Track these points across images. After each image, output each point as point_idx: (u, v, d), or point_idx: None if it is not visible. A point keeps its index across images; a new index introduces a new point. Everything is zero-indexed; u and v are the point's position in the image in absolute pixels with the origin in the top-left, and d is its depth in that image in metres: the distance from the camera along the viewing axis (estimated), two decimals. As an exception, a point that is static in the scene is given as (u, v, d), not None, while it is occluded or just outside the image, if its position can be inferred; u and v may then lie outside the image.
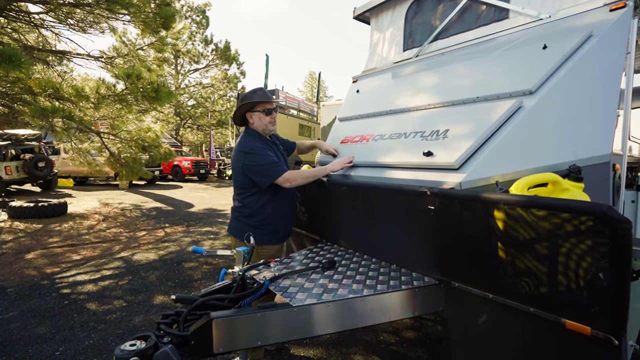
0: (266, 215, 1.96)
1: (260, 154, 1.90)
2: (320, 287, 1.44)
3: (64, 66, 8.97)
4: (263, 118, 1.99)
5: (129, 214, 7.59)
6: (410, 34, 2.66)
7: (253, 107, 1.98)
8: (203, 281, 3.58)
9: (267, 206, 1.95)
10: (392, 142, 1.84)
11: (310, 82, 49.33)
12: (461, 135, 1.53)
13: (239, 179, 1.98)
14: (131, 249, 4.89)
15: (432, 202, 1.36)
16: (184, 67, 24.32)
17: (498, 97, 1.58)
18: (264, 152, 1.91)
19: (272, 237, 1.99)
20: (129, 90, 6.22)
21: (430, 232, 1.46)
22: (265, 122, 1.99)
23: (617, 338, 0.99)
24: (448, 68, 2.05)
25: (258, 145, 1.93)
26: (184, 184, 14.80)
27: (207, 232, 5.98)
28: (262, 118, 1.99)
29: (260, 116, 1.98)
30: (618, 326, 0.99)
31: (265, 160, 1.89)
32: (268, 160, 1.89)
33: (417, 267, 1.60)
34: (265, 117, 1.99)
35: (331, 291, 1.40)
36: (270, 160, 1.90)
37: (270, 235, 1.98)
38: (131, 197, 10.30)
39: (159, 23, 7.04)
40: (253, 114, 1.99)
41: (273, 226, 1.99)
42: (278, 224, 2.01)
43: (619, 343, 0.99)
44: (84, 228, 6.18)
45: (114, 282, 3.56)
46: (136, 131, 8.09)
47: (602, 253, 0.95)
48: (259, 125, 2.00)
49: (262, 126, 2.00)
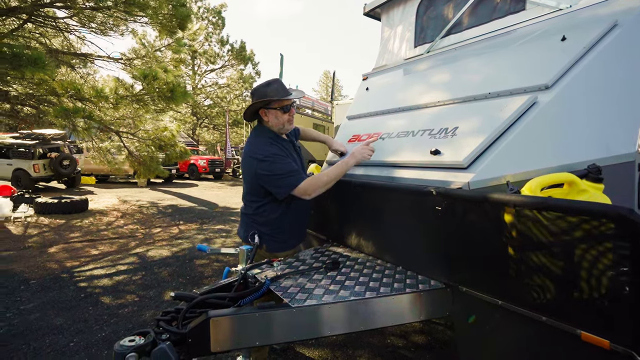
0: (283, 226, 1.77)
1: (277, 161, 1.64)
2: (321, 288, 1.40)
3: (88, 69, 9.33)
4: (280, 116, 1.71)
5: (146, 211, 7.80)
6: (421, 29, 2.58)
7: (268, 104, 1.69)
8: (213, 278, 3.63)
9: (285, 217, 1.75)
10: (400, 140, 1.79)
11: (325, 81, 49.28)
12: (470, 132, 1.46)
13: (252, 185, 1.75)
14: (146, 245, 5.02)
15: (439, 202, 1.31)
16: (201, 68, 24.81)
17: (511, 92, 1.50)
18: (281, 159, 1.65)
19: (285, 245, 1.85)
20: (145, 91, 6.39)
21: (437, 234, 1.40)
22: (283, 120, 1.72)
23: (639, 353, 0.91)
24: (460, 63, 1.98)
25: (274, 151, 1.66)
26: (199, 182, 15.10)
27: (219, 230, 6.06)
28: (279, 116, 1.71)
29: (277, 114, 1.70)
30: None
31: (283, 169, 1.63)
32: (285, 168, 1.63)
33: (422, 270, 1.54)
34: (282, 116, 1.71)
35: (332, 292, 1.36)
36: (288, 169, 1.64)
37: (284, 244, 1.83)
38: (149, 194, 10.60)
39: (175, 24, 7.17)
40: (268, 111, 1.71)
41: (288, 234, 1.83)
42: (294, 232, 1.87)
43: (640, 358, 0.91)
44: (103, 224, 6.39)
45: (128, 277, 3.66)
46: (153, 130, 8.31)
47: (623, 260, 0.88)
48: (275, 124, 1.73)
49: (278, 125, 1.73)
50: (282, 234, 1.80)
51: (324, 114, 19.13)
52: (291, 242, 1.89)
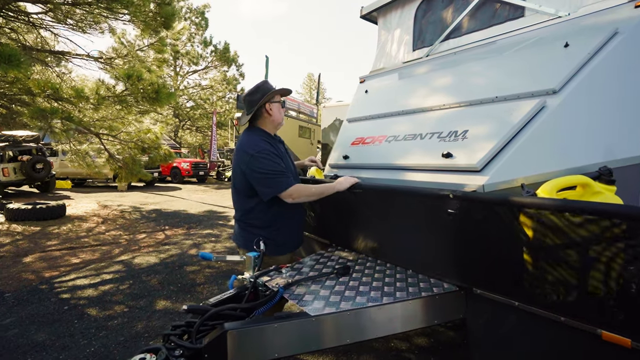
0: (278, 227, 1.77)
1: (268, 158, 1.65)
2: (336, 295, 1.37)
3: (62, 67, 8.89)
4: (281, 110, 1.84)
5: (129, 216, 7.50)
6: (419, 33, 2.61)
7: (274, 97, 1.78)
8: (206, 285, 3.51)
9: (278, 217, 1.75)
10: (407, 143, 1.79)
11: (309, 83, 49.28)
12: (482, 136, 1.47)
13: (242, 184, 1.73)
14: (131, 252, 4.81)
15: (454, 205, 1.30)
16: (183, 69, 24.28)
17: (519, 96, 1.53)
18: (273, 157, 1.67)
19: (284, 248, 1.84)
20: (129, 91, 6.15)
21: (451, 237, 1.40)
22: (282, 115, 1.86)
23: (660, 351, 0.93)
24: (462, 67, 2.00)
25: (267, 148, 1.68)
26: (183, 186, 14.70)
27: (208, 235, 5.90)
28: (280, 110, 1.83)
29: (279, 107, 1.82)
30: (662, 338, 0.93)
31: (273, 167, 1.64)
32: (274, 168, 1.65)
33: (435, 272, 1.53)
34: (281, 110, 1.85)
35: (349, 299, 1.33)
36: (278, 169, 1.66)
37: (282, 247, 1.82)
38: (130, 198, 10.20)
39: (160, 23, 6.97)
40: (273, 104, 1.78)
41: (286, 237, 1.82)
42: (292, 234, 1.86)
43: (662, 356, 0.93)
44: (83, 231, 6.08)
45: (115, 286, 3.48)
46: (136, 132, 8.02)
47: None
48: (277, 117, 1.81)
49: (279, 119, 1.83)
50: (279, 236, 1.78)
51: (310, 116, 19.15)
52: (289, 244, 1.88)
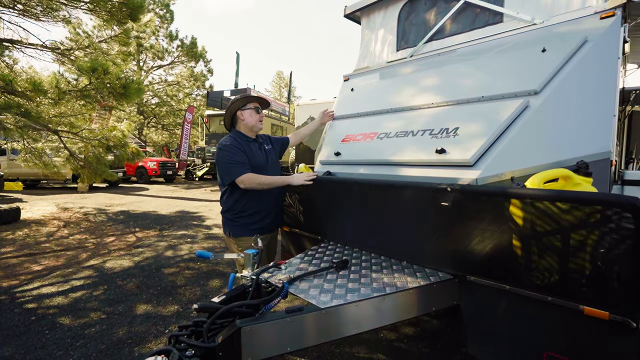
0: (239, 209, 2.05)
1: (229, 151, 1.96)
2: (341, 288, 1.40)
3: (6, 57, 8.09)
4: (254, 115, 2.10)
5: (93, 219, 7.03)
6: (403, 34, 2.70)
7: (245, 104, 2.09)
8: (187, 287, 3.39)
9: (241, 200, 2.04)
10: (400, 140, 1.86)
11: (278, 82, 48.74)
12: (473, 133, 1.57)
13: (219, 175, 2.08)
14: (101, 256, 4.52)
15: (451, 198, 1.38)
16: (147, 64, 23.07)
17: (503, 96, 1.65)
18: (234, 150, 1.97)
19: (246, 228, 2.04)
20: (93, 86, 5.74)
21: (446, 228, 1.48)
22: (256, 119, 2.11)
23: (634, 320, 1.06)
24: (448, 68, 2.11)
25: (232, 143, 2.00)
26: (150, 186, 14.00)
27: (183, 236, 5.69)
28: (253, 115, 2.09)
29: (252, 113, 2.09)
30: (636, 309, 1.06)
31: (231, 159, 1.95)
32: (233, 158, 1.95)
33: (430, 263, 1.62)
34: (256, 115, 2.11)
35: (353, 291, 1.37)
36: (235, 160, 1.95)
37: (244, 227, 2.05)
38: (93, 200, 9.56)
39: (125, 13, 6.58)
40: (244, 111, 2.08)
41: (247, 219, 2.06)
42: (253, 217, 2.07)
43: (636, 325, 1.06)
44: (42, 235, 5.62)
45: (87, 292, 3.26)
46: (100, 130, 7.52)
47: (627, 241, 1.02)
48: (249, 121, 2.08)
49: (252, 122, 2.10)
50: (241, 218, 2.05)
51: (281, 114, 19.00)
52: (252, 226, 2.05)
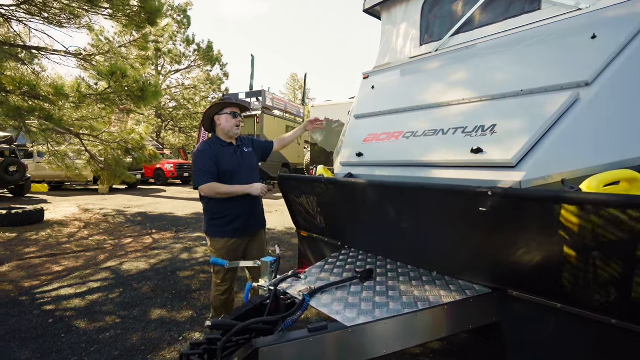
0: (212, 212, 2.15)
1: (198, 157, 2.08)
2: (367, 302, 1.27)
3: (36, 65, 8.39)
4: (230, 120, 2.13)
5: (112, 220, 7.15)
6: (427, 28, 2.55)
7: (222, 109, 2.14)
8: (202, 291, 3.33)
9: (212, 204, 2.14)
10: (428, 139, 1.71)
11: (292, 84, 48.92)
12: (513, 130, 1.41)
13: None
14: (118, 258, 4.55)
15: (492, 203, 1.23)
16: (165, 68, 23.63)
17: (546, 89, 1.47)
18: (203, 156, 2.06)
19: (217, 230, 2.13)
20: (112, 89, 5.84)
21: (485, 237, 1.32)
22: (232, 124, 2.14)
23: None
24: (478, 61, 1.94)
25: (204, 149, 2.09)
26: (167, 188, 14.24)
27: (198, 238, 5.67)
28: (229, 120, 2.13)
29: (228, 118, 2.13)
30: None
31: (197, 166, 2.06)
32: (198, 167, 2.05)
33: (465, 274, 1.46)
34: (232, 120, 2.13)
35: (382, 306, 1.24)
36: (200, 168, 2.04)
37: (216, 228, 2.14)
38: (113, 202, 9.76)
39: (143, 18, 6.68)
40: (221, 116, 2.14)
41: (218, 222, 2.13)
42: (223, 220, 2.12)
43: None
44: (64, 236, 5.73)
45: (104, 295, 3.25)
46: (119, 133, 7.66)
47: None
48: (225, 126, 2.14)
49: (228, 127, 2.14)
50: (214, 220, 2.15)
51: (296, 115, 18.99)
52: (224, 229, 2.13)
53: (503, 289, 1.34)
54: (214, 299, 2.23)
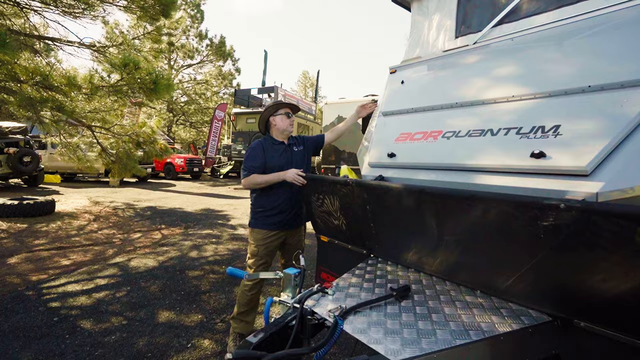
0: (259, 205, 2.22)
1: (249, 153, 2.20)
2: (410, 328, 1.09)
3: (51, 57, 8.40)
4: (285, 120, 2.24)
5: (122, 214, 7.10)
6: (464, 18, 2.33)
7: (277, 110, 2.25)
8: (212, 293, 3.19)
9: (260, 197, 2.22)
10: (474, 140, 1.51)
11: (304, 81, 48.71)
12: (584, 133, 1.20)
13: None
14: (126, 254, 4.45)
15: (563, 218, 1.03)
16: (178, 62, 23.71)
17: (623, 85, 1.26)
18: (254, 152, 2.19)
19: (261, 222, 2.21)
20: (125, 81, 5.75)
21: (551, 257, 1.12)
22: (287, 123, 2.24)
23: None
24: (529, 53, 1.73)
25: (254, 146, 2.21)
26: (177, 182, 14.26)
27: (207, 235, 5.56)
28: (283, 120, 2.24)
29: (283, 118, 2.24)
30: None
31: (245, 161, 2.19)
32: (247, 161, 2.18)
33: (520, 298, 1.26)
34: (286, 119, 2.24)
35: (428, 334, 1.05)
36: (248, 163, 2.17)
37: (260, 220, 2.21)
38: (123, 195, 9.77)
39: (158, 10, 6.58)
40: (276, 116, 2.25)
41: (263, 214, 2.21)
42: (269, 212, 2.20)
43: None
44: (74, 229, 5.69)
45: (110, 293, 3.14)
46: (130, 126, 7.61)
47: None
48: (280, 125, 2.24)
49: (283, 126, 2.24)
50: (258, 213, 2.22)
51: (308, 113, 18.81)
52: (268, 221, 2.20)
53: (568, 318, 1.14)
54: (241, 295, 2.26)
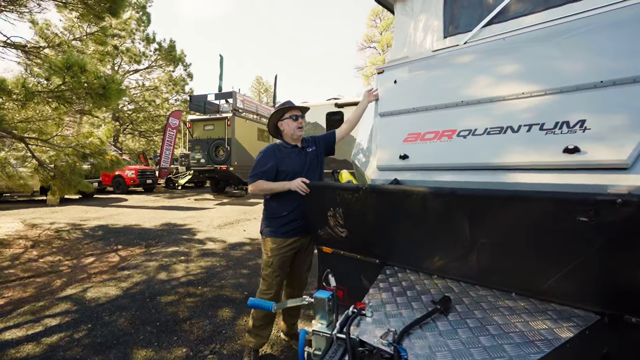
0: (272, 210, 2.13)
1: (260, 158, 2.12)
2: (476, 347, 0.98)
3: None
4: (291, 124, 2.15)
5: (67, 236, 6.23)
6: (451, 19, 2.35)
7: (282, 115, 2.18)
8: (193, 320, 2.84)
9: (271, 200, 2.14)
10: (495, 137, 1.47)
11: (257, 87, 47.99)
12: (613, 126, 1.21)
13: None
14: (79, 283, 3.85)
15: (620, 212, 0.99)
16: (122, 67, 21.94)
17: (635, 79, 1.29)
18: (264, 158, 2.10)
19: (274, 230, 2.10)
20: (68, 85, 5.04)
21: (599, 254, 1.09)
22: (293, 127, 2.15)
23: None
24: (530, 52, 1.75)
25: (265, 151, 2.13)
26: (128, 197, 13.02)
27: (174, 253, 5.06)
28: (290, 124, 2.16)
29: (289, 122, 2.16)
30: None
31: (255, 165, 2.11)
32: (257, 166, 2.10)
33: (562, 297, 1.22)
34: (293, 123, 2.16)
35: (497, 351, 0.95)
36: (257, 167, 2.09)
37: (273, 228, 2.11)
38: (66, 214, 8.62)
39: (104, 7, 5.96)
40: (283, 121, 2.18)
41: (278, 221, 2.10)
42: (283, 219, 2.09)
43: None
44: (5, 259, 4.82)
45: (66, 335, 2.63)
46: (74, 136, 6.75)
47: None
48: (288, 130, 2.16)
49: (290, 131, 2.16)
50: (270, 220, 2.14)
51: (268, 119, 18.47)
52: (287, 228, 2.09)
53: (618, 314, 1.11)
54: (256, 310, 2.14)
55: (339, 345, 0.99)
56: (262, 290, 2.12)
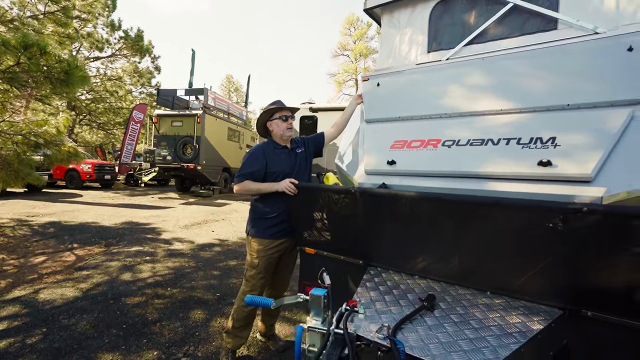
0: (260, 210, 2.10)
1: (248, 158, 2.11)
2: (464, 339, 1.06)
3: None
4: (280, 124, 2.12)
5: (11, 233, 5.65)
6: (435, 35, 2.50)
7: (272, 115, 2.14)
8: (164, 322, 2.71)
9: (259, 201, 2.12)
10: (477, 149, 1.59)
11: (228, 85, 46.94)
12: (579, 144, 1.37)
13: None
14: (29, 284, 3.51)
15: (585, 219, 1.14)
16: (82, 53, 20.40)
17: (595, 105, 1.48)
18: (252, 158, 2.09)
19: (262, 230, 2.08)
20: (23, 67, 4.60)
21: (564, 256, 1.23)
22: (282, 128, 2.12)
23: None
24: (505, 72, 1.92)
25: (253, 151, 2.12)
26: (83, 192, 12.08)
27: (138, 253, 4.78)
28: (279, 124, 2.13)
29: (278, 123, 2.13)
30: None
31: (243, 165, 2.09)
32: (244, 166, 2.07)
33: (531, 294, 1.35)
34: (282, 123, 2.12)
35: (482, 342, 1.04)
36: (245, 167, 2.07)
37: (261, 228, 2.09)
38: (9, 208, 7.81)
39: (70, -13, 5.55)
40: (272, 122, 2.15)
41: (266, 222, 2.08)
42: (271, 220, 2.07)
43: None
44: (-63, 257, 4.27)
45: (17, 341, 2.39)
46: (26, 123, 6.16)
47: None
48: (277, 131, 2.13)
49: (280, 132, 2.13)
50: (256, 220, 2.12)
51: (239, 118, 18.06)
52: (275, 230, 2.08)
53: (576, 308, 1.26)
54: (237, 310, 2.12)
55: (337, 340, 1.02)
56: (245, 292, 2.09)
